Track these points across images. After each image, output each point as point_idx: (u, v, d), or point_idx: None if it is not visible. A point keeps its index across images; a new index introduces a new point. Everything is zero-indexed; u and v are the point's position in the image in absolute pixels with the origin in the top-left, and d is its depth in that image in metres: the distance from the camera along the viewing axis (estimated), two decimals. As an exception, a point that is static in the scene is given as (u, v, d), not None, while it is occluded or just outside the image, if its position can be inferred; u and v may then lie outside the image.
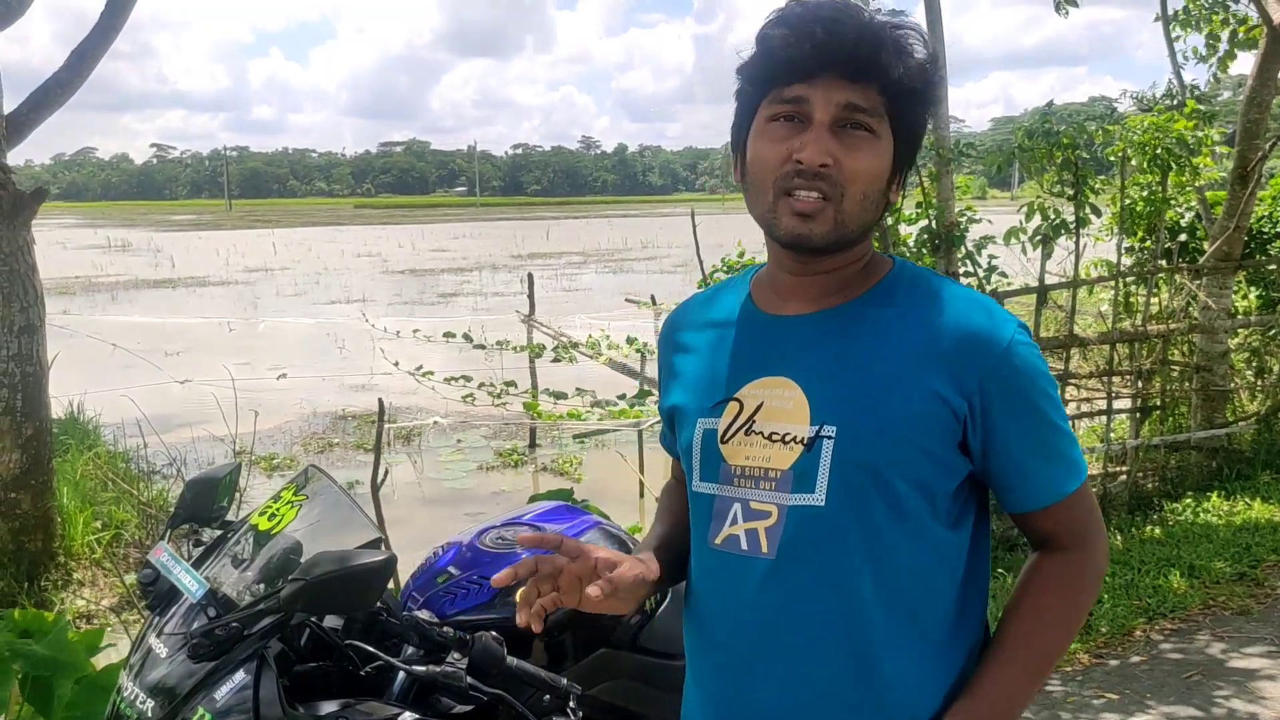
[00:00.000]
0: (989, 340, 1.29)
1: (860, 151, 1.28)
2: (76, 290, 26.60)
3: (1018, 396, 1.30)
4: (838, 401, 1.30)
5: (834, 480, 1.29)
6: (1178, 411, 6.88)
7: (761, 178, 1.32)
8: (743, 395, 1.37)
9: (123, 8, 5.67)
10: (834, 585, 1.30)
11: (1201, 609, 4.65)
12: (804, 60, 1.26)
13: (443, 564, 2.33)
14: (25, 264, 5.13)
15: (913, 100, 1.31)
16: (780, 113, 1.30)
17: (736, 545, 1.34)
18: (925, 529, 1.32)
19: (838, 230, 1.30)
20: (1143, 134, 6.34)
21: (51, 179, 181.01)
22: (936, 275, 1.43)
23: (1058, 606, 1.35)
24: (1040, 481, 1.34)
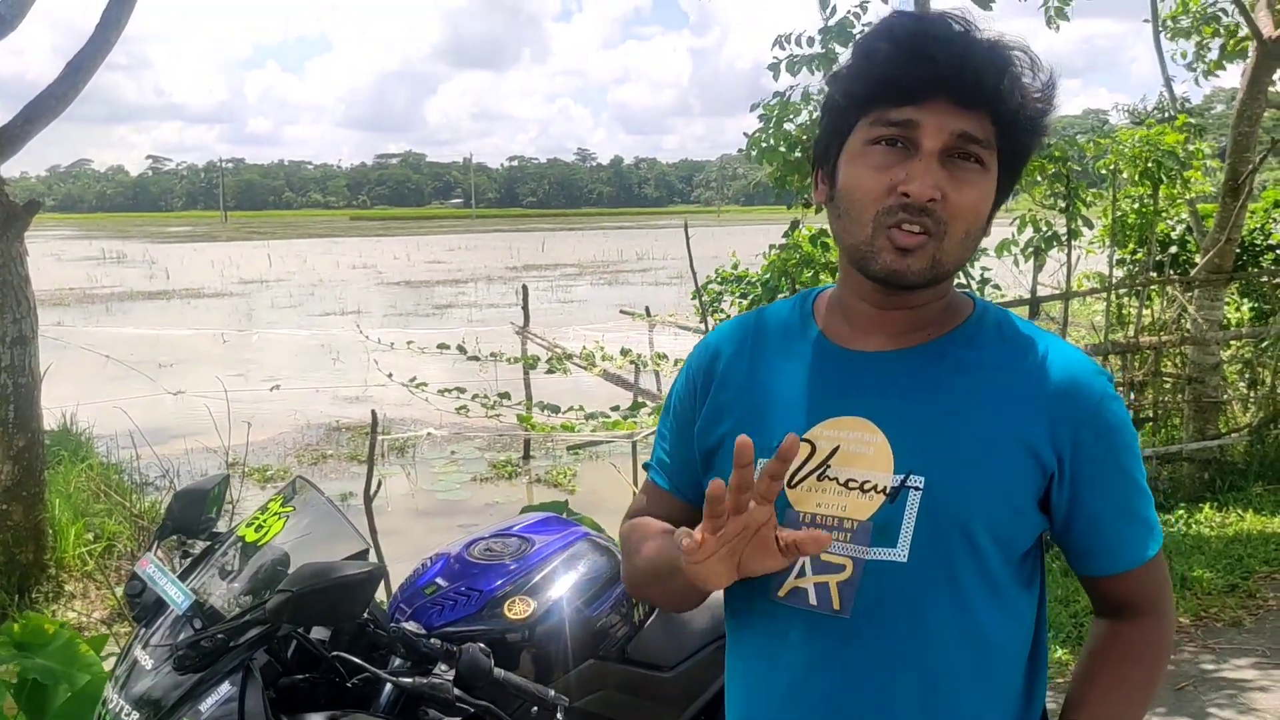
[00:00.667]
0: (1085, 392, 1.22)
1: (968, 186, 1.18)
2: (71, 302, 26.56)
3: (1109, 453, 1.23)
4: (926, 449, 1.20)
5: (919, 535, 1.19)
6: (1170, 423, 6.90)
7: (860, 207, 1.20)
8: (814, 436, 1.25)
9: (118, 20, 5.67)
10: (913, 650, 1.21)
11: (1193, 620, 4.66)
12: (916, 82, 1.15)
13: (431, 575, 2.33)
14: (18, 275, 5.13)
15: (1026, 131, 1.22)
16: (884, 135, 1.18)
17: (804, 599, 1.23)
18: (1006, 591, 1.24)
19: (935, 269, 1.19)
20: (1133, 147, 6.38)
21: (47, 191, 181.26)
22: (1021, 319, 1.33)
23: (1139, 678, 1.29)
24: (1124, 544, 1.26)
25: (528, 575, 2.35)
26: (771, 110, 5.49)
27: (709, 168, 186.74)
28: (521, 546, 2.43)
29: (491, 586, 2.30)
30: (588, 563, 2.45)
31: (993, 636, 1.23)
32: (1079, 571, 1.31)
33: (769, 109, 5.50)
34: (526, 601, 2.28)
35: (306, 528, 2.01)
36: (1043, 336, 1.28)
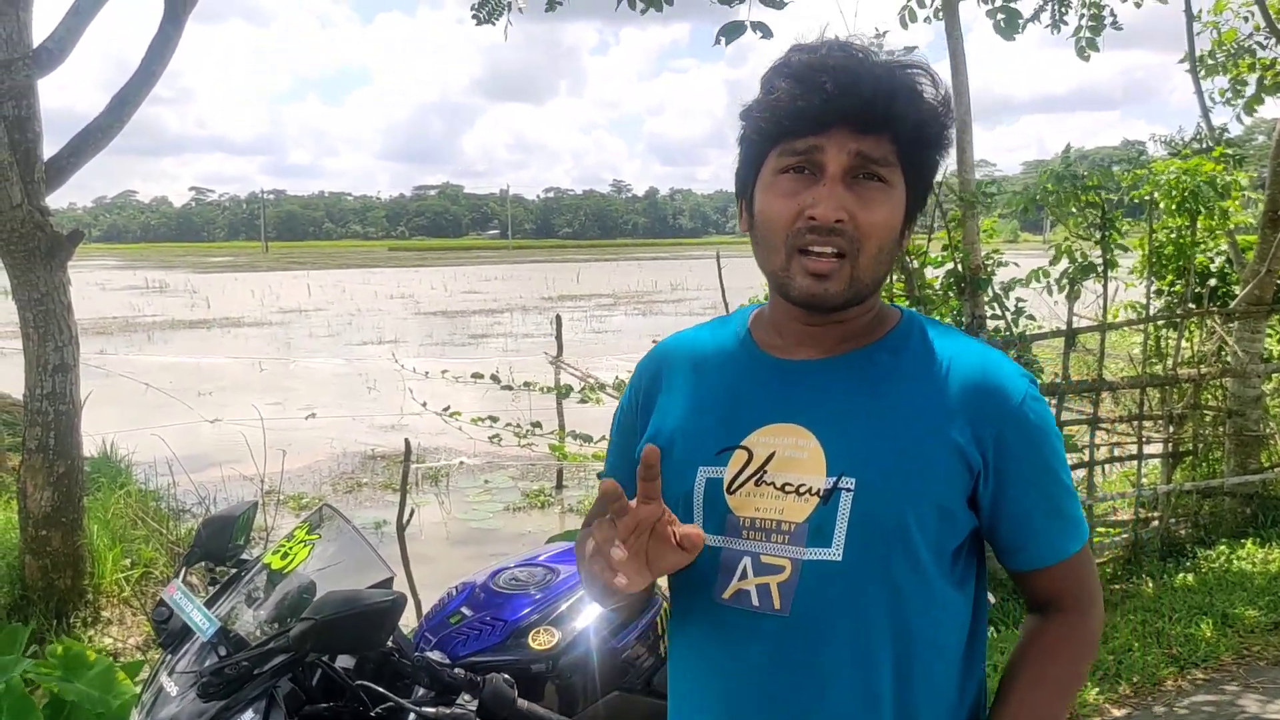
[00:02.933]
0: (1006, 394, 1.27)
1: (875, 204, 1.24)
2: (114, 330, 26.98)
3: (1032, 452, 1.28)
4: (856, 452, 1.25)
5: (852, 535, 1.24)
6: (1211, 457, 6.78)
7: (773, 234, 1.27)
8: (751, 443, 1.30)
9: (163, 54, 5.80)
10: (849, 645, 1.25)
11: (1234, 659, 4.55)
12: (815, 112, 1.21)
13: (456, 605, 2.33)
14: (60, 304, 5.22)
15: (926, 147, 1.28)
16: (790, 164, 1.25)
17: (746, 600, 1.28)
18: (938, 588, 1.28)
19: (853, 288, 1.26)
20: (1170, 178, 6.32)
21: (93, 221, 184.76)
22: (946, 326, 1.39)
23: (1060, 674, 1.33)
24: (1047, 540, 1.32)
25: (553, 605, 2.34)
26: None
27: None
28: (546, 576, 2.43)
29: (516, 616, 2.29)
30: (613, 593, 2.44)
31: (926, 632, 1.27)
32: (1007, 567, 1.35)
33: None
34: (551, 632, 2.27)
35: (332, 555, 2.02)
36: (966, 342, 1.34)
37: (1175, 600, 5.15)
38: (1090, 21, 6.52)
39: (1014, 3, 5.68)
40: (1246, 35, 7.50)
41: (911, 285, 5.59)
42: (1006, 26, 5.72)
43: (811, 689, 1.26)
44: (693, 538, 1.18)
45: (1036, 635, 1.35)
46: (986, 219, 5.95)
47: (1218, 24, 7.65)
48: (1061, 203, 5.72)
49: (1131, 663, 4.43)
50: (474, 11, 5.98)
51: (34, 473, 5.24)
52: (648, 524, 1.17)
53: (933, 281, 5.85)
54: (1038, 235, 27.27)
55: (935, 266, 6.04)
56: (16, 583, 5.38)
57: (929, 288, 5.78)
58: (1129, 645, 4.60)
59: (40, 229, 5.08)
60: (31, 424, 5.25)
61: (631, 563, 1.17)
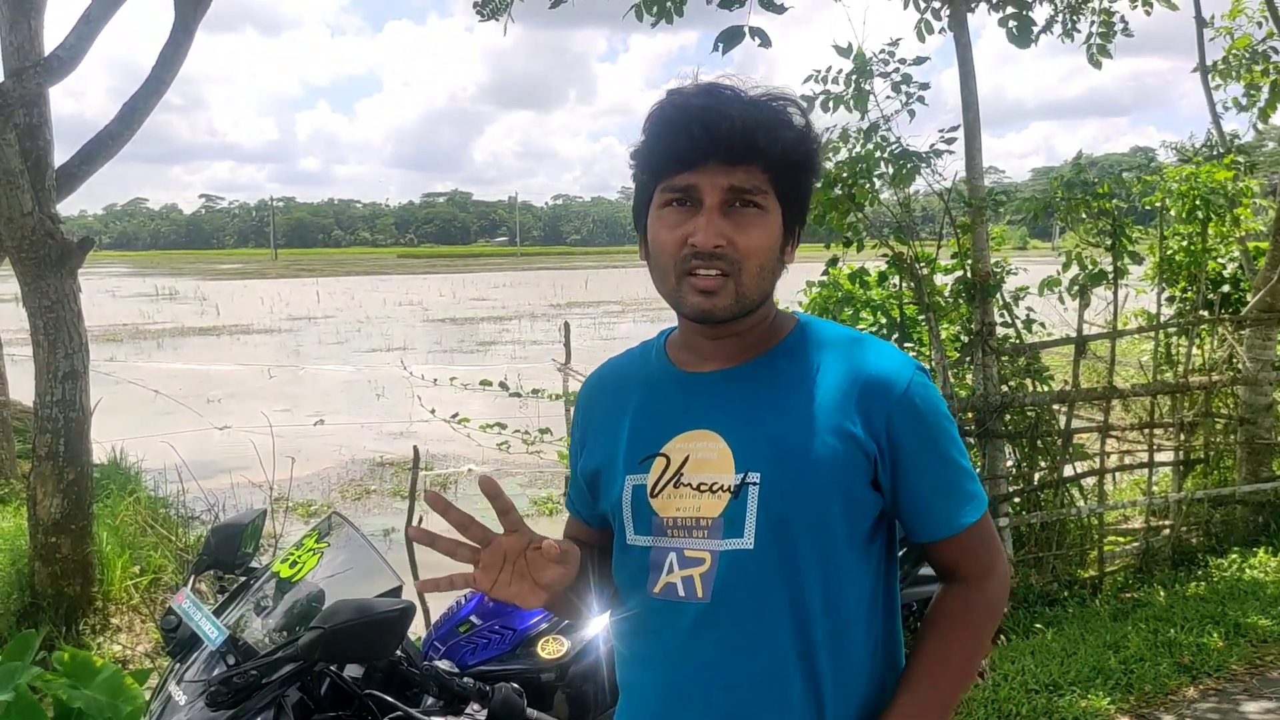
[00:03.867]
0: (891, 382, 1.39)
1: (751, 228, 1.36)
2: (124, 337, 27.06)
3: (920, 434, 1.39)
4: (759, 449, 1.37)
5: (760, 523, 1.35)
6: (1222, 465, 6.74)
7: (663, 261, 1.39)
8: (669, 450, 1.42)
9: (173, 62, 5.81)
10: (761, 623, 1.37)
11: (1246, 668, 4.52)
12: (685, 154, 1.34)
13: (465, 613, 2.33)
14: (71, 311, 5.23)
15: (795, 171, 1.39)
16: (672, 198, 1.37)
17: (674, 592, 1.39)
18: (843, 564, 1.39)
19: (739, 302, 1.37)
20: (1181, 184, 6.29)
21: (103, 229, 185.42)
22: (838, 326, 1.52)
23: (961, 639, 1.44)
24: (942, 514, 1.42)
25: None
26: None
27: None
28: (556, 585, 2.42)
29: (525, 625, 2.28)
30: (623, 602, 2.42)
31: (827, 605, 1.38)
32: (912, 539, 1.46)
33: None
34: (560, 641, 2.26)
35: (341, 564, 2.01)
36: (857, 338, 1.47)
37: (1187, 609, 5.12)
38: (1101, 29, 6.50)
39: (1027, 11, 5.68)
40: (1260, 40, 7.47)
41: (921, 292, 5.57)
42: (1020, 35, 5.71)
43: (731, 666, 1.38)
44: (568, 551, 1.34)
45: (943, 604, 1.46)
46: (996, 226, 5.93)
47: (1231, 30, 7.62)
48: (1072, 209, 5.69)
49: (1142, 672, 4.41)
50: (477, 8, 5.97)
51: (44, 479, 5.25)
52: (515, 553, 1.31)
53: (942, 289, 5.83)
54: (1047, 242, 27.20)
55: (945, 273, 6.02)
56: (26, 589, 5.38)
57: (938, 294, 5.76)
58: (1140, 654, 4.57)
59: (51, 236, 5.10)
60: (41, 431, 5.26)
61: (520, 583, 1.31)
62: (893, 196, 5.61)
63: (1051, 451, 5.84)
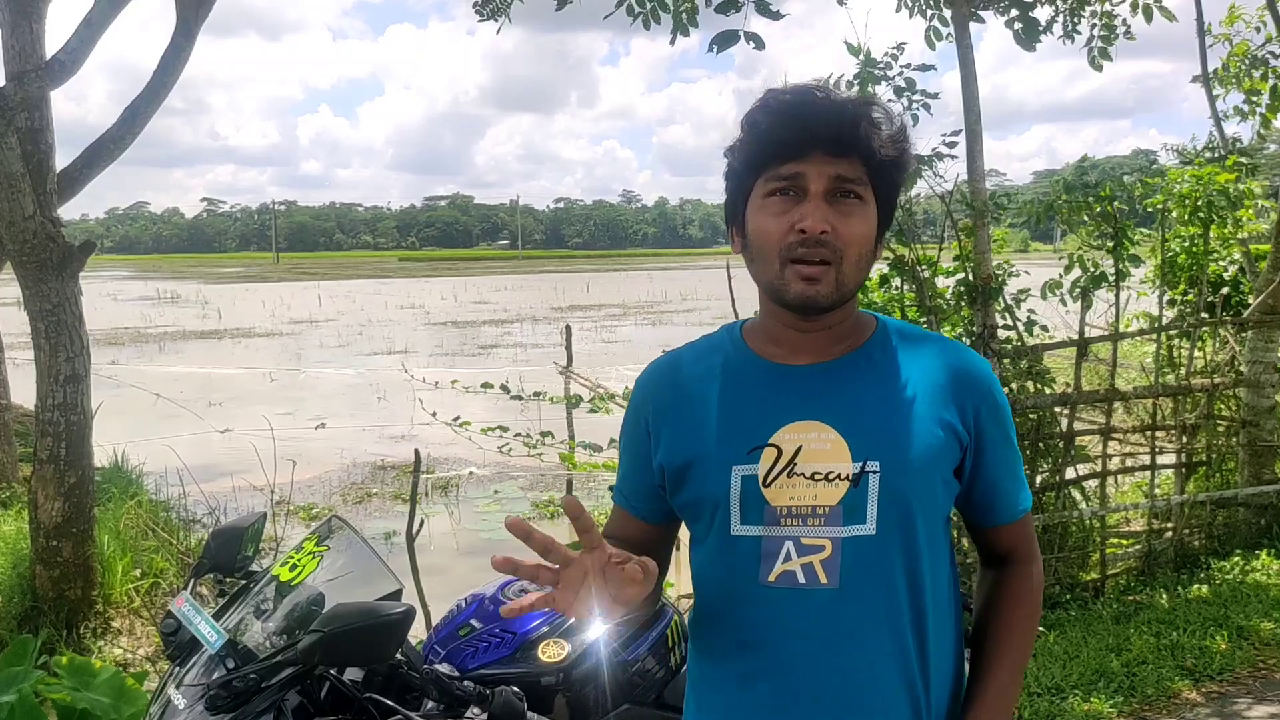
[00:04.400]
0: (979, 377, 1.52)
1: (853, 217, 1.43)
2: (126, 341, 27.09)
3: (999, 426, 1.53)
4: (874, 439, 1.44)
5: (881, 510, 1.43)
6: (1224, 467, 6.73)
7: (767, 248, 1.45)
8: (778, 441, 1.46)
9: (175, 66, 5.82)
10: (886, 604, 1.45)
11: (1250, 672, 4.51)
12: (795, 142, 1.40)
13: (465, 617, 2.32)
14: (72, 315, 5.23)
15: (891, 168, 1.46)
16: (777, 188, 1.43)
17: (793, 580, 1.44)
18: (940, 546, 1.51)
19: (839, 290, 1.44)
20: (1183, 187, 6.28)
21: (105, 232, 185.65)
22: (916, 326, 1.62)
23: (1028, 615, 1.59)
24: (1011, 499, 1.56)
25: (563, 617, 2.33)
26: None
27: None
28: (557, 588, 2.41)
29: (526, 628, 2.28)
30: (624, 605, 2.42)
31: (933, 585, 1.49)
32: (979, 524, 1.59)
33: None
34: (561, 644, 2.26)
35: (341, 567, 2.01)
36: (936, 336, 1.60)
37: (1189, 612, 5.11)
38: (1102, 31, 6.50)
39: (1031, 12, 5.67)
40: (1260, 45, 7.45)
41: (923, 295, 5.57)
42: (1026, 36, 5.71)
43: (858, 650, 1.44)
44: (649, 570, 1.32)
45: (1004, 585, 1.59)
46: (997, 229, 5.92)
47: (1229, 36, 7.61)
48: (1074, 212, 5.68)
49: (1145, 675, 4.40)
50: (476, 8, 5.97)
51: (45, 483, 5.25)
52: (595, 570, 1.30)
53: (944, 291, 5.83)
54: (1048, 245, 27.19)
55: (946, 276, 6.01)
56: (27, 593, 5.38)
57: (940, 297, 5.75)
58: (1143, 657, 4.56)
59: (52, 240, 5.09)
60: (43, 434, 5.26)
61: (600, 599, 1.30)
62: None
63: (1053, 454, 5.83)
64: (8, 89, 4.94)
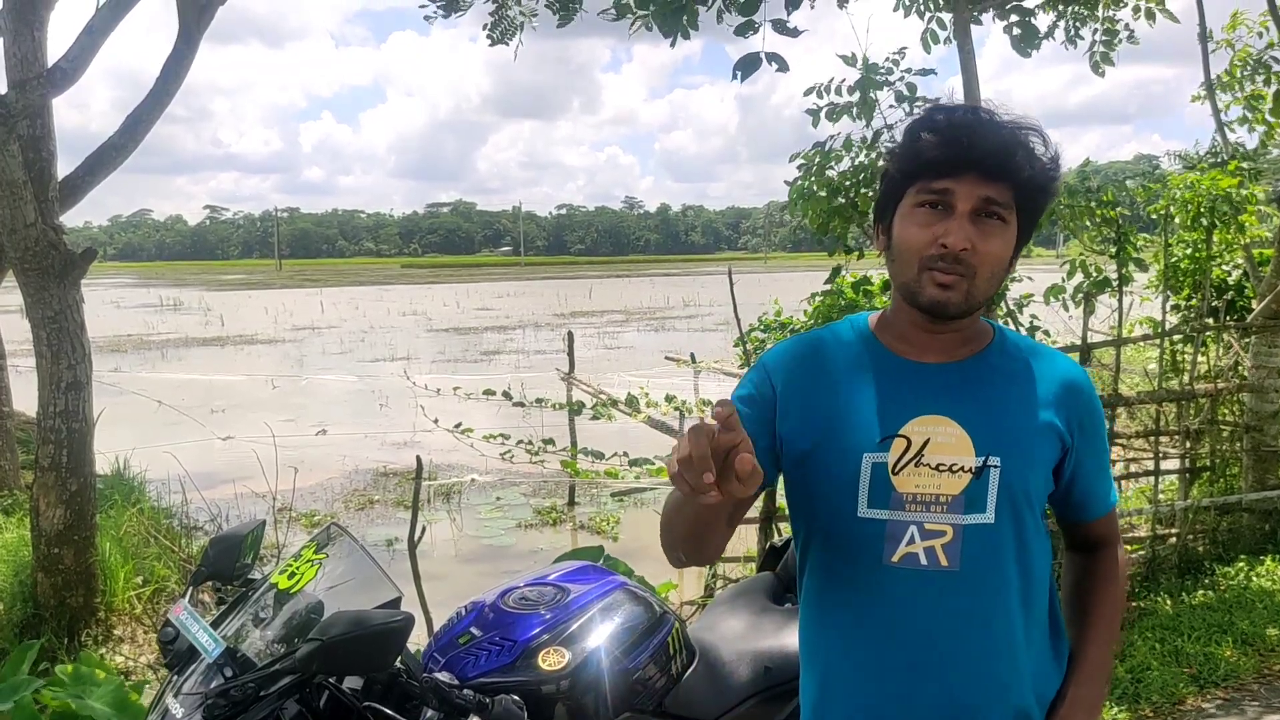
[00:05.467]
0: (1080, 386, 1.66)
1: (994, 238, 1.54)
2: (128, 348, 27.11)
3: (1096, 431, 1.67)
4: (996, 436, 1.57)
5: (1000, 502, 1.55)
6: (1228, 473, 6.71)
7: (909, 254, 1.55)
8: (907, 432, 1.57)
9: (177, 73, 5.82)
10: (1000, 589, 1.57)
11: (1255, 678, 4.49)
12: (951, 162, 1.51)
13: (465, 624, 2.31)
14: (74, 322, 5.23)
15: (1039, 194, 1.57)
16: (927, 200, 1.54)
17: (915, 561, 1.56)
18: (1043, 536, 1.64)
19: (969, 302, 1.55)
20: (1185, 192, 6.27)
21: (108, 240, 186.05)
22: (1026, 337, 1.77)
23: (1118, 592, 1.76)
24: (1104, 494, 1.73)
25: (563, 625, 2.31)
26: (811, 158, 5.49)
27: (756, 214, 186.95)
28: (557, 595, 2.40)
29: (526, 636, 2.27)
30: (625, 612, 2.41)
31: (1037, 573, 1.62)
32: (1075, 519, 1.74)
33: (808, 157, 5.51)
34: (561, 652, 2.24)
35: (340, 575, 2.00)
36: (1049, 351, 1.72)
37: (1194, 618, 5.09)
38: (1104, 36, 6.49)
39: (1031, 17, 5.66)
40: (1262, 50, 7.45)
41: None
42: (1024, 41, 5.70)
43: (976, 628, 1.57)
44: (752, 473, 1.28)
45: (1096, 567, 1.76)
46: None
47: (1232, 42, 7.61)
48: (1076, 217, 5.67)
49: (1150, 681, 4.38)
50: (488, 33, 5.99)
51: (46, 490, 5.24)
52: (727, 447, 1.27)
53: (946, 297, 5.81)
54: (1050, 250, 27.18)
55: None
56: (29, 600, 5.37)
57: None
58: (1147, 664, 4.54)
59: (54, 247, 5.10)
60: (44, 442, 5.26)
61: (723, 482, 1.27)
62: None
63: (1057, 460, 5.81)
64: (9, 96, 4.94)
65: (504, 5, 5.87)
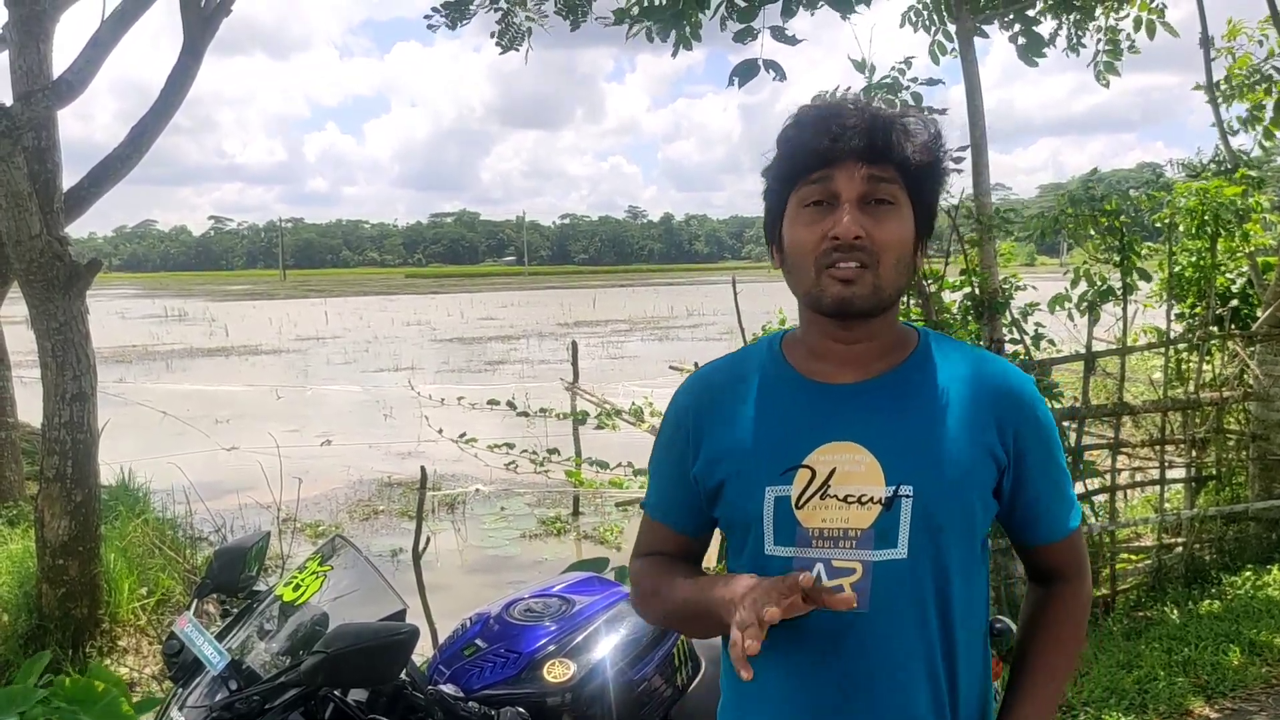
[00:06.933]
0: (1020, 396, 1.49)
1: (887, 221, 1.42)
2: (133, 359, 27.16)
3: (1042, 445, 1.50)
4: (908, 462, 1.42)
5: (914, 534, 1.41)
6: (1234, 481, 6.69)
7: (802, 258, 1.44)
8: (812, 461, 1.45)
9: (182, 84, 5.85)
10: (916, 629, 1.43)
11: (1263, 687, 4.47)
12: (826, 151, 1.40)
13: (470, 636, 2.30)
14: (79, 333, 5.24)
15: (925, 174, 1.46)
16: (811, 198, 1.43)
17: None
18: (977, 570, 1.50)
19: (876, 294, 1.42)
20: (1190, 200, 6.27)
21: (113, 250, 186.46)
22: (954, 339, 1.60)
23: (1071, 635, 1.57)
24: (1057, 518, 1.54)
25: (569, 636, 2.31)
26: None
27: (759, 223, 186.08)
28: (562, 607, 2.40)
29: (531, 648, 2.26)
30: (630, 624, 2.40)
31: (972, 613, 1.48)
32: (1023, 543, 1.57)
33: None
34: (567, 664, 2.24)
35: (345, 587, 2.00)
36: (978, 353, 1.56)
37: (1201, 628, 5.07)
38: (1107, 46, 6.50)
39: (1035, 26, 5.67)
40: (1263, 59, 7.45)
41: (929, 309, 5.55)
42: (1029, 50, 5.71)
43: (889, 673, 1.43)
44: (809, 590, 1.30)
45: (1048, 604, 1.58)
46: (1003, 242, 5.91)
47: (1232, 50, 7.62)
48: (1080, 226, 5.67)
49: (1157, 691, 4.36)
50: (496, 40, 6.01)
51: (51, 501, 5.25)
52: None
53: (950, 305, 5.81)
54: (1054, 258, 27.16)
55: (953, 290, 6.00)
56: (33, 611, 5.37)
57: (947, 312, 5.74)
58: (1154, 674, 4.52)
59: (59, 259, 5.11)
60: (49, 453, 5.26)
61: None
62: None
63: (1062, 469, 5.79)
64: (15, 108, 4.96)
65: (510, 12, 5.88)
